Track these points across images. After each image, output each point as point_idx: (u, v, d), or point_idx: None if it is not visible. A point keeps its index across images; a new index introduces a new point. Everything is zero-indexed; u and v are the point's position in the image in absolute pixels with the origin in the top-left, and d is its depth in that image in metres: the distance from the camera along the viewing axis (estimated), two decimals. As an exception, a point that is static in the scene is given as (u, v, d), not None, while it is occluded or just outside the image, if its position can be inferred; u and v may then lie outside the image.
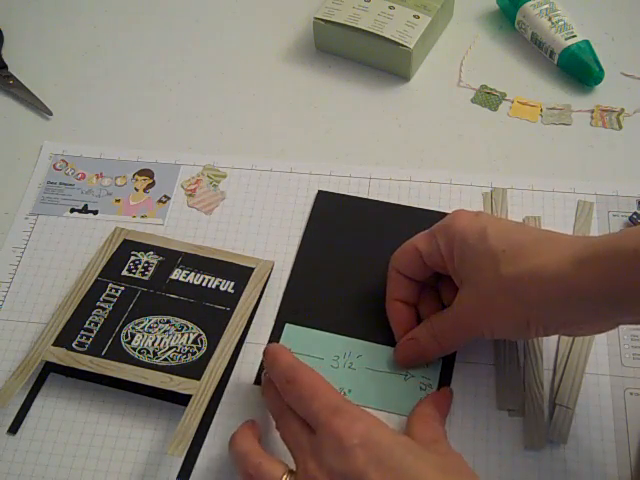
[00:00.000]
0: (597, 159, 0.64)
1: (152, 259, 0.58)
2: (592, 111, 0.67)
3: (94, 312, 0.55)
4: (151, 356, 0.52)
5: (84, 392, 0.53)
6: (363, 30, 0.69)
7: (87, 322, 0.54)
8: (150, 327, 0.54)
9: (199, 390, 0.50)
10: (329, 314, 0.55)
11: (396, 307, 0.53)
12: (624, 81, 0.69)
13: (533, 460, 0.49)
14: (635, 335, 0.54)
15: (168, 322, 0.54)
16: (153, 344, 0.53)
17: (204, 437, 0.50)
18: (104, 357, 0.52)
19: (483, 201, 0.61)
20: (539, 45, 0.71)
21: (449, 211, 0.55)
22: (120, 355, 0.52)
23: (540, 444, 0.49)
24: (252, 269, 0.57)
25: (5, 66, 0.73)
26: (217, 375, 0.51)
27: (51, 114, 0.70)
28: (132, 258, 0.58)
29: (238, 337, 0.53)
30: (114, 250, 0.59)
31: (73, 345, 0.53)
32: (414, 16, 0.69)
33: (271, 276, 0.57)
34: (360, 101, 0.70)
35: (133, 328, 0.54)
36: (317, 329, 0.55)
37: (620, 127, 0.66)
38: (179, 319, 0.54)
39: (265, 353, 0.49)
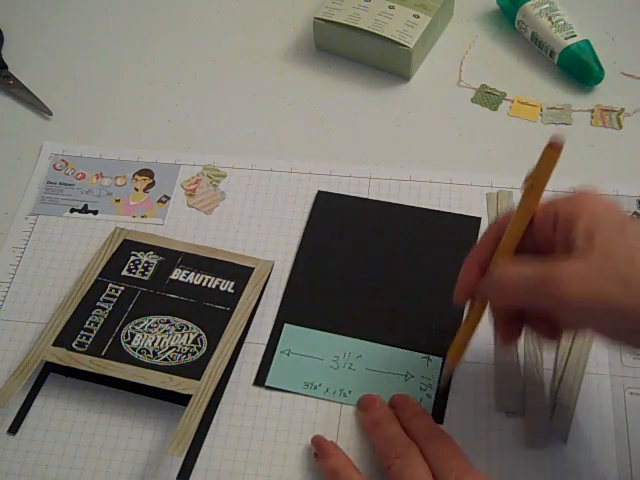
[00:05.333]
0: (597, 159, 0.64)
1: (152, 259, 0.58)
2: (592, 111, 0.67)
3: (94, 312, 0.55)
4: (151, 356, 0.52)
5: (84, 392, 0.53)
6: (363, 30, 0.69)
7: (87, 322, 0.54)
8: (150, 327, 0.54)
9: (199, 390, 0.50)
10: (329, 314, 0.55)
11: (473, 271, 0.46)
12: (624, 81, 0.69)
13: (533, 460, 0.49)
14: None
15: (168, 322, 0.54)
16: (153, 344, 0.53)
17: (204, 437, 0.50)
18: (104, 357, 0.52)
19: (487, 201, 0.61)
20: (539, 45, 0.71)
21: (449, 211, 0.55)
22: (120, 355, 0.52)
23: (540, 444, 0.49)
24: (252, 269, 0.57)
25: (5, 66, 0.73)
26: (217, 375, 0.51)
27: (51, 114, 0.70)
28: (132, 258, 0.58)
29: (238, 337, 0.53)
30: (114, 250, 0.59)
31: (73, 345, 0.53)
32: (414, 16, 0.69)
33: (271, 276, 0.57)
34: (360, 101, 0.70)
35: (133, 328, 0.54)
36: (317, 329, 0.55)
37: (620, 127, 0.66)
38: (179, 319, 0.54)
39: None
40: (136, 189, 0.64)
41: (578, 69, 0.68)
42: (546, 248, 0.43)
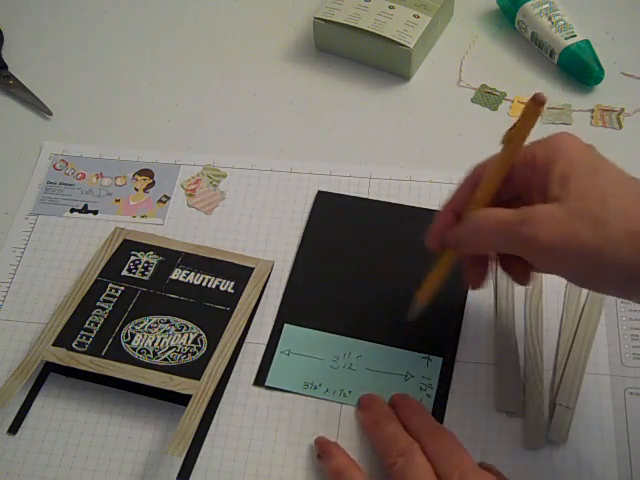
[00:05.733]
0: (597, 159, 0.64)
1: (152, 259, 0.58)
2: (592, 111, 0.67)
3: (94, 312, 0.55)
4: (151, 356, 0.52)
5: (84, 392, 0.53)
6: (363, 30, 0.69)
7: (87, 322, 0.54)
8: (150, 327, 0.54)
9: (199, 390, 0.50)
10: (329, 314, 0.55)
11: (448, 217, 0.47)
12: (624, 81, 0.69)
13: (533, 460, 0.49)
14: (635, 335, 0.54)
15: (168, 322, 0.54)
16: (153, 344, 0.53)
17: (204, 437, 0.50)
18: (104, 357, 0.52)
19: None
20: (539, 45, 0.71)
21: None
22: (120, 355, 0.52)
23: (540, 444, 0.49)
24: (252, 269, 0.57)
25: (5, 66, 0.73)
26: (217, 375, 0.51)
27: (51, 114, 0.70)
28: (132, 258, 0.58)
29: (238, 337, 0.53)
30: (114, 250, 0.59)
31: (73, 345, 0.53)
32: (414, 16, 0.69)
33: (271, 276, 0.57)
34: (360, 101, 0.70)
35: (133, 328, 0.54)
36: (317, 329, 0.55)
37: (620, 127, 0.66)
38: (179, 319, 0.54)
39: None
40: (136, 189, 0.64)
41: (578, 69, 0.68)
42: (524, 194, 0.44)
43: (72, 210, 0.63)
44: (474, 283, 0.49)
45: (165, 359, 0.52)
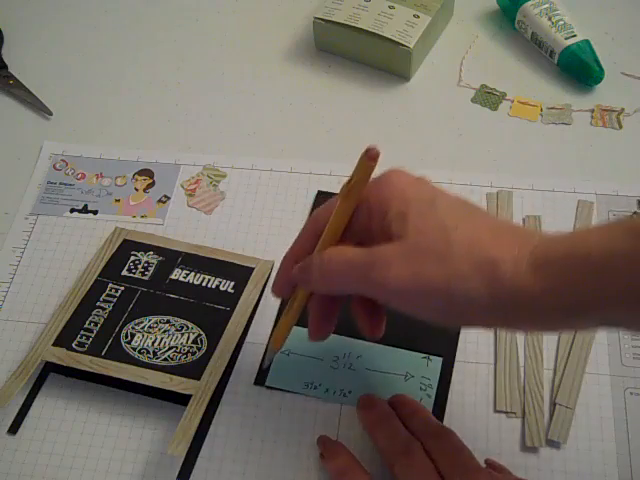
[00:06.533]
0: (597, 159, 0.64)
1: (152, 259, 0.58)
2: (592, 111, 0.67)
3: (94, 312, 0.55)
4: (151, 356, 0.52)
5: (84, 392, 0.53)
6: (363, 30, 0.69)
7: (87, 322, 0.54)
8: (150, 327, 0.54)
9: (199, 390, 0.50)
10: (329, 314, 0.55)
11: (290, 264, 0.46)
12: (624, 81, 0.69)
13: (533, 460, 0.49)
14: (635, 335, 0.54)
15: (168, 322, 0.54)
16: (153, 344, 0.53)
17: (204, 437, 0.50)
18: (104, 357, 0.52)
19: (487, 201, 0.61)
20: (539, 45, 0.71)
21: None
22: (120, 355, 0.52)
23: (540, 444, 0.49)
24: (252, 269, 0.57)
25: (5, 66, 0.73)
26: (217, 375, 0.51)
27: (51, 114, 0.70)
28: (132, 258, 0.58)
29: (238, 337, 0.53)
30: (114, 250, 0.59)
31: (73, 345, 0.53)
32: (414, 16, 0.69)
33: (271, 276, 0.57)
34: (360, 101, 0.70)
35: (133, 328, 0.54)
36: (317, 329, 0.55)
37: (620, 127, 0.66)
38: (179, 319, 0.54)
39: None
40: (136, 189, 0.64)
41: (578, 69, 0.68)
42: (366, 239, 0.42)
43: (72, 210, 0.63)
44: (317, 332, 0.47)
45: (165, 359, 0.52)
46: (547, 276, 0.36)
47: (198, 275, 0.57)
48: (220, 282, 0.56)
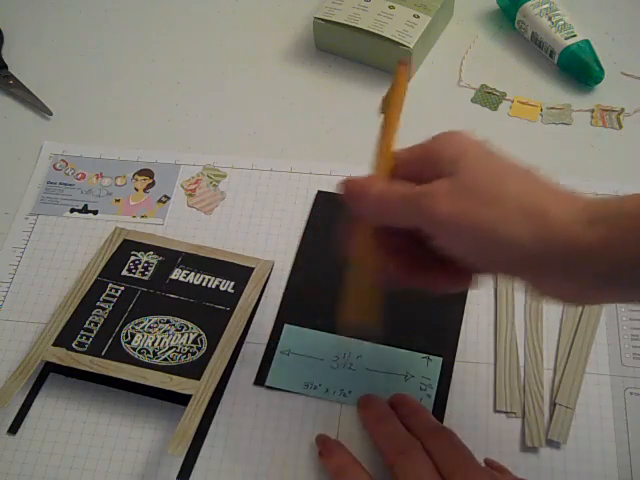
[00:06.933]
0: (597, 159, 0.64)
1: (152, 259, 0.58)
2: (592, 111, 0.67)
3: (94, 312, 0.55)
4: (151, 356, 0.52)
5: (84, 392, 0.53)
6: (363, 30, 0.69)
7: (87, 322, 0.54)
8: (150, 327, 0.54)
9: (199, 390, 0.50)
10: (329, 314, 0.55)
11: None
12: (624, 81, 0.69)
13: (533, 460, 0.49)
14: (635, 335, 0.54)
15: (168, 322, 0.54)
16: (153, 344, 0.53)
17: (204, 437, 0.50)
18: (104, 357, 0.52)
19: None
20: (539, 45, 0.71)
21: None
22: (120, 355, 0.52)
23: (540, 444, 0.49)
24: (252, 269, 0.57)
25: (5, 66, 0.73)
26: (217, 375, 0.51)
27: (51, 114, 0.70)
28: (132, 258, 0.58)
29: (238, 337, 0.53)
30: (114, 250, 0.59)
31: (73, 345, 0.53)
32: (414, 16, 0.69)
33: (271, 276, 0.57)
34: (360, 101, 0.70)
35: (133, 328, 0.54)
36: (317, 329, 0.55)
37: (620, 127, 0.66)
38: (179, 319, 0.54)
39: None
40: (136, 189, 0.64)
41: (578, 69, 0.68)
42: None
43: (72, 210, 0.63)
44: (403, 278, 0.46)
45: (165, 359, 0.52)
46: (609, 228, 0.36)
47: (198, 275, 0.57)
48: (220, 282, 0.56)
